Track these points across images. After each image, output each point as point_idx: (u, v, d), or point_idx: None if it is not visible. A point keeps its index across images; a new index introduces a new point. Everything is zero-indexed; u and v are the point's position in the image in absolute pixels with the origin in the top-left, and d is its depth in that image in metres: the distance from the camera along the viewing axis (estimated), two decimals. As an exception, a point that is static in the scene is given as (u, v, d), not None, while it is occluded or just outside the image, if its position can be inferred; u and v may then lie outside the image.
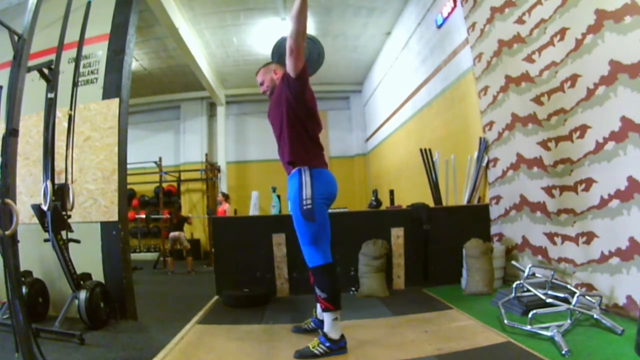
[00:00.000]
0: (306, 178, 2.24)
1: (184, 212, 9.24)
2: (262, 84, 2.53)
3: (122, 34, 3.83)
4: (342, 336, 2.22)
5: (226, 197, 7.69)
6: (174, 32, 6.27)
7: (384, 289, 3.69)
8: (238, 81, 9.63)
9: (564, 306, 2.45)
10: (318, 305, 2.38)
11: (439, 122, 5.59)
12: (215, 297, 3.83)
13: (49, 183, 3.05)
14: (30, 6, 2.29)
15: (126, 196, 3.76)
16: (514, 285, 2.81)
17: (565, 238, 3.13)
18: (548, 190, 3.33)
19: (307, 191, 2.21)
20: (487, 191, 4.37)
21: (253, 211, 4.61)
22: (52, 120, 3.21)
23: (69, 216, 3.26)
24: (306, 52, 2.37)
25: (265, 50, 7.94)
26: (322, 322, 2.30)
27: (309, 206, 2.19)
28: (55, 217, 3.04)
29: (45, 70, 3.17)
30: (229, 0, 6.32)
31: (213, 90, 9.13)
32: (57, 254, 3.09)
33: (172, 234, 7.09)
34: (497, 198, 4.14)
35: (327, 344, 2.17)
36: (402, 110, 7.31)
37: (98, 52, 3.88)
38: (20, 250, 2.10)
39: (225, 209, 7.32)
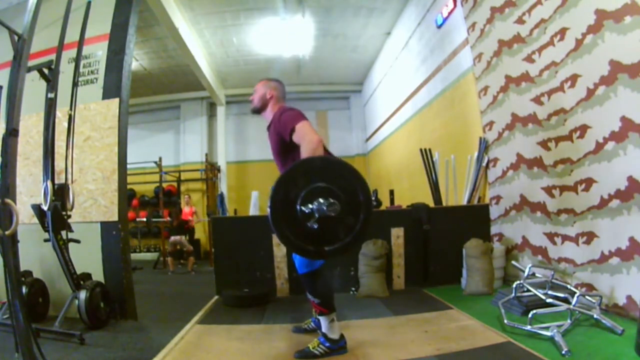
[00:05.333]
0: None
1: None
2: (255, 92, 2.45)
3: (122, 34, 3.83)
4: (342, 336, 2.22)
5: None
6: (174, 32, 6.27)
7: (384, 289, 3.69)
8: (238, 81, 9.62)
9: (564, 306, 2.45)
10: (314, 310, 2.38)
11: (439, 122, 5.59)
12: (215, 297, 3.83)
13: (49, 183, 3.05)
14: (30, 6, 2.29)
15: (126, 196, 3.76)
16: (514, 285, 2.81)
17: (565, 238, 3.13)
18: (548, 190, 3.32)
19: None
20: (487, 191, 4.37)
21: (253, 211, 4.62)
22: (52, 120, 3.21)
23: (69, 216, 3.26)
24: None
25: (265, 50, 7.97)
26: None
27: None
28: (55, 217, 3.03)
29: (45, 70, 3.16)
30: (229, 0, 6.32)
31: (213, 90, 9.12)
32: (57, 254, 3.08)
33: (172, 238, 7.09)
34: (497, 198, 4.14)
35: (327, 344, 2.17)
36: (402, 110, 7.31)
37: (98, 52, 3.87)
38: (20, 250, 2.10)
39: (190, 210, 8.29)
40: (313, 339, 2.23)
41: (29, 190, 3.80)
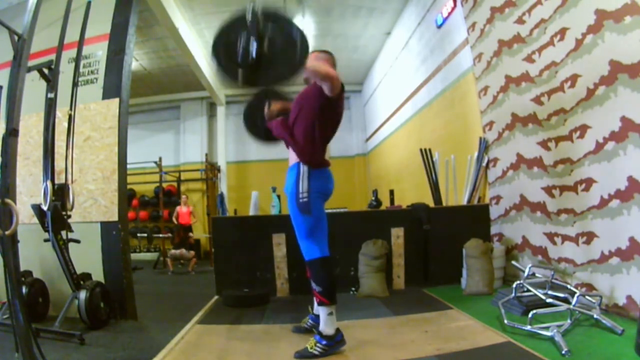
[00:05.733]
0: (304, 172, 2.28)
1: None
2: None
3: (122, 34, 3.83)
4: (338, 329, 2.21)
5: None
6: (174, 32, 6.27)
7: (384, 289, 3.69)
8: (238, 81, 9.62)
9: (564, 306, 2.45)
10: (315, 300, 2.38)
11: (439, 122, 5.59)
12: (215, 297, 3.83)
13: (49, 183, 3.05)
14: (30, 6, 2.29)
15: (126, 196, 3.77)
16: (514, 285, 2.81)
17: (565, 238, 3.13)
18: (548, 190, 3.33)
19: (303, 185, 2.26)
20: (487, 191, 4.37)
21: (253, 211, 4.62)
22: (52, 120, 3.21)
23: (69, 216, 3.26)
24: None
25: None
26: (318, 317, 2.30)
27: (305, 199, 2.24)
28: (55, 217, 3.04)
29: (45, 70, 3.17)
30: (229, 0, 6.32)
31: (213, 90, 9.12)
32: (57, 254, 3.09)
33: (173, 252, 7.10)
34: (497, 198, 4.14)
35: (324, 342, 2.16)
36: (402, 110, 7.31)
37: (98, 52, 3.88)
38: (20, 250, 2.10)
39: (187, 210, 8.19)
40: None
41: (29, 190, 3.81)
